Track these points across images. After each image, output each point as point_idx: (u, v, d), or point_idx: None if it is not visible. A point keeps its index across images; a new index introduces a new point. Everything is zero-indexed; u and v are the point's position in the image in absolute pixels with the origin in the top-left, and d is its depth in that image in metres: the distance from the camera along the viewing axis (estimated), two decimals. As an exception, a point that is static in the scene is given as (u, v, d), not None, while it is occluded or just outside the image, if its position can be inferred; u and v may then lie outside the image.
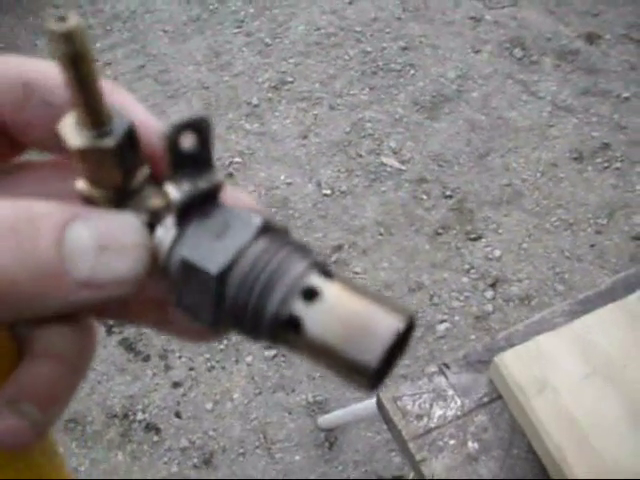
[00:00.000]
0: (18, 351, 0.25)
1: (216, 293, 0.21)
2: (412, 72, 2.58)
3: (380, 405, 0.84)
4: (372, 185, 2.26)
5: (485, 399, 0.83)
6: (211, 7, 2.89)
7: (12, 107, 0.23)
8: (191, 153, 0.22)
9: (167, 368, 1.91)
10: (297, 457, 1.77)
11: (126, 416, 1.83)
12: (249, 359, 1.91)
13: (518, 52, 2.64)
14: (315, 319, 0.21)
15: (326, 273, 0.22)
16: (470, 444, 0.80)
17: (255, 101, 2.50)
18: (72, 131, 0.21)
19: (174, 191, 0.22)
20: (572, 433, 0.76)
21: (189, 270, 0.22)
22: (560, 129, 2.41)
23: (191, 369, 1.90)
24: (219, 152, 2.30)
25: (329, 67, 2.61)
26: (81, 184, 0.23)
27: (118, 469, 1.75)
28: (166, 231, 0.23)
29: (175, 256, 0.22)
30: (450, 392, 0.84)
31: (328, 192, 2.24)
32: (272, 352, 1.91)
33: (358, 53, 2.66)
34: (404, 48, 2.66)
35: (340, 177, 2.28)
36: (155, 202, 0.23)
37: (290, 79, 2.57)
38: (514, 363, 0.81)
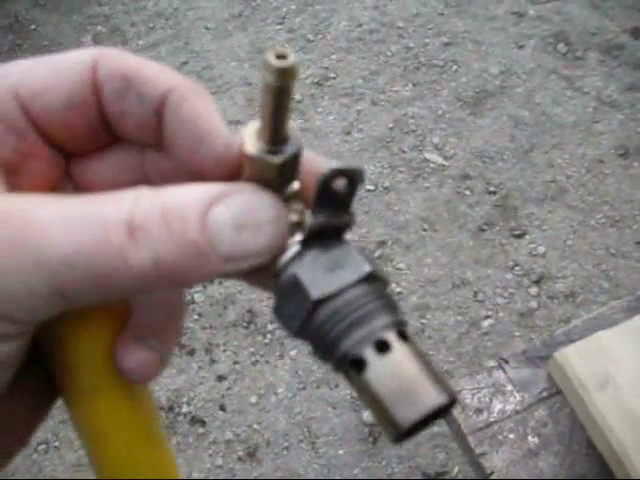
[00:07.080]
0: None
1: (307, 314, 0.25)
2: (455, 68, 2.57)
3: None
4: (415, 181, 2.26)
5: (544, 394, 0.83)
6: (253, 4, 2.90)
7: (113, 96, 0.25)
8: (337, 193, 0.26)
9: (212, 362, 1.93)
10: (341, 451, 1.78)
11: (171, 409, 1.85)
12: (293, 353, 1.92)
13: (562, 47, 2.61)
14: (377, 369, 0.24)
15: (402, 334, 0.25)
16: (530, 439, 0.80)
17: (298, 97, 2.50)
18: (251, 139, 0.25)
19: (310, 217, 0.26)
20: (634, 429, 0.76)
21: (296, 286, 0.25)
22: (605, 125, 2.38)
23: (236, 363, 1.92)
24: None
25: (371, 63, 2.61)
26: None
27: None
28: (290, 245, 0.26)
29: (290, 270, 0.26)
30: (509, 387, 0.84)
31: (371, 188, 2.24)
32: (316, 347, 1.92)
33: (400, 49, 2.65)
34: (447, 44, 2.65)
35: (383, 173, 2.28)
36: (292, 216, 0.27)
37: (333, 75, 2.57)
38: (575, 358, 0.81)
